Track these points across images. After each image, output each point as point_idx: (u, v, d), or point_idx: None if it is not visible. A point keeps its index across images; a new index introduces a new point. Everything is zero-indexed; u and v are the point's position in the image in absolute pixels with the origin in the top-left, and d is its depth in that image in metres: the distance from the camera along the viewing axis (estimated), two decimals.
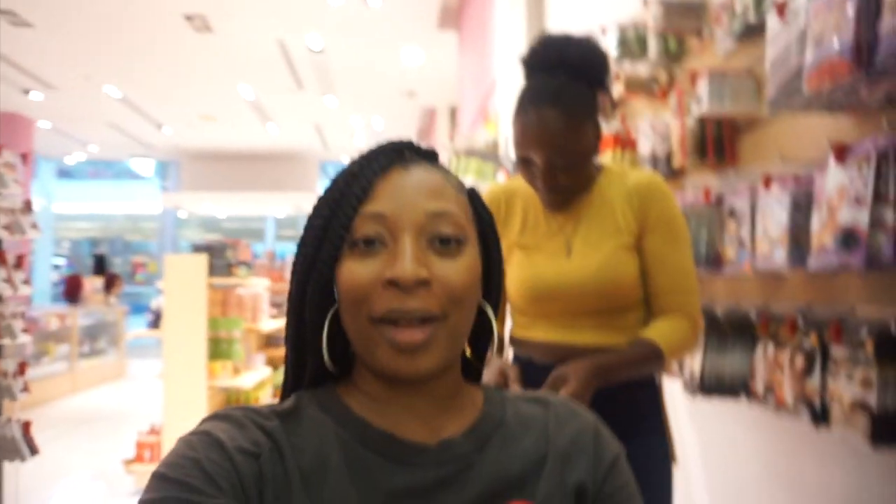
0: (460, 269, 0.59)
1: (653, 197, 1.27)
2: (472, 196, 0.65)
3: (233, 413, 0.58)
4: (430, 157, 0.64)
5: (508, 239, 1.34)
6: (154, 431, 4.19)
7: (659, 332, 1.24)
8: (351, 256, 0.59)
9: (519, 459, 0.61)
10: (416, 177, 0.60)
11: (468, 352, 0.68)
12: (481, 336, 0.67)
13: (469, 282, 0.59)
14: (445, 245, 0.59)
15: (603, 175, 1.31)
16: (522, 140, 1.23)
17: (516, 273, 1.33)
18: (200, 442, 0.54)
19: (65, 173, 15.20)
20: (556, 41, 1.29)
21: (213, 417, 0.58)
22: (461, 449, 0.60)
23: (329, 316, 0.61)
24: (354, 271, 0.58)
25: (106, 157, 14.24)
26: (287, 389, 0.66)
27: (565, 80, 1.22)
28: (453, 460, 0.59)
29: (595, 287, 1.24)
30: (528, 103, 1.23)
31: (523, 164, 1.25)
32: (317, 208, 0.61)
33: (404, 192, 0.59)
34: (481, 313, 0.65)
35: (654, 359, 1.22)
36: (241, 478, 0.52)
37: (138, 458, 4.07)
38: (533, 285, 1.29)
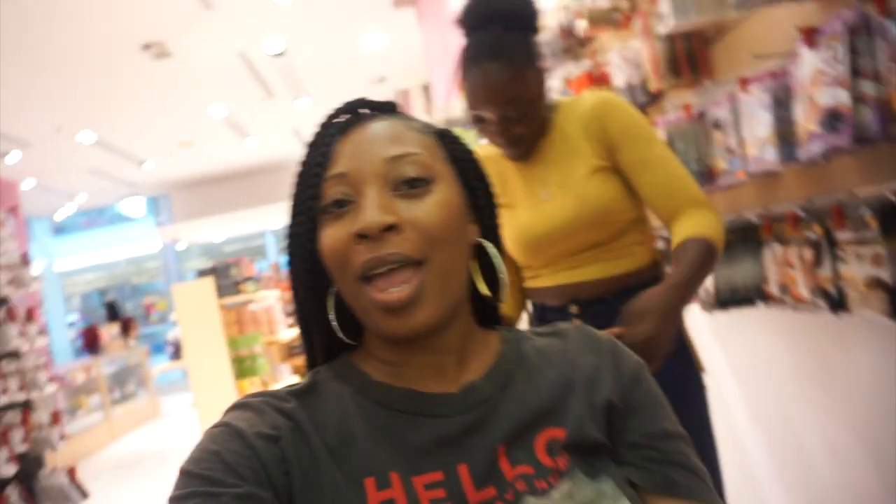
0: (431, 207, 0.57)
1: (606, 113, 1.24)
2: (445, 136, 0.64)
3: (251, 401, 0.58)
4: (387, 108, 0.64)
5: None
6: None
7: (694, 226, 1.15)
8: (326, 223, 0.59)
9: (544, 390, 0.61)
10: (373, 130, 0.60)
11: (485, 289, 0.65)
12: (493, 278, 0.66)
13: (444, 219, 0.58)
14: (412, 187, 0.58)
15: (557, 112, 1.29)
16: (472, 99, 1.23)
17: (507, 233, 1.32)
18: (221, 434, 0.55)
19: (60, 230, 15.21)
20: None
21: (233, 408, 0.59)
22: (484, 391, 0.60)
23: (333, 291, 0.61)
24: (330, 236, 0.58)
25: (96, 205, 14.24)
26: (309, 368, 0.66)
27: (500, 32, 1.21)
28: (478, 404, 0.59)
29: (581, 220, 1.22)
30: (470, 62, 1.22)
31: (478, 122, 1.25)
32: (291, 187, 0.62)
33: (361, 147, 0.59)
34: (485, 255, 0.64)
35: (711, 254, 1.13)
36: (264, 463, 0.53)
37: None
38: (524, 240, 1.29)
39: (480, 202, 0.65)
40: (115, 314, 10.34)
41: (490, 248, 0.65)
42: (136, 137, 9.12)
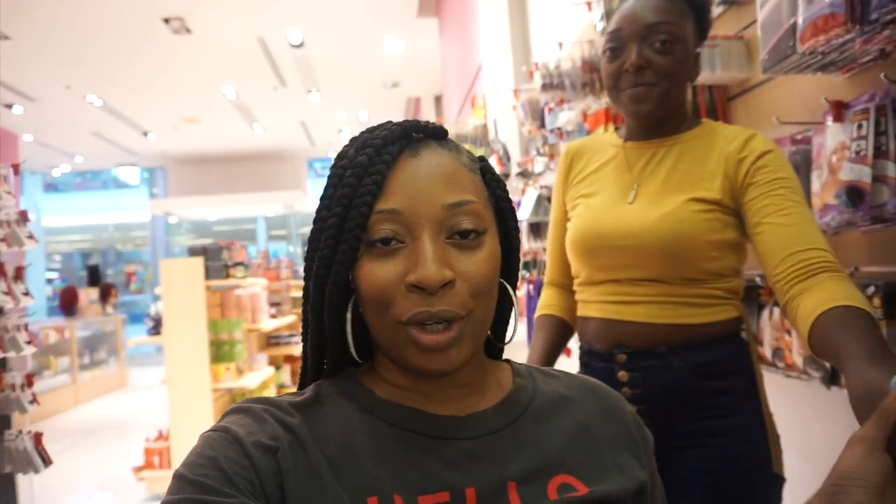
0: (481, 262, 0.57)
1: (754, 146, 1.07)
2: (485, 171, 0.64)
3: (253, 407, 0.57)
4: (439, 134, 0.62)
5: (573, 197, 1.25)
6: (162, 437, 4.19)
7: (854, 298, 0.82)
8: (369, 256, 0.57)
9: (558, 436, 0.61)
10: (428, 163, 0.58)
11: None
12: (500, 312, 0.66)
13: (491, 272, 0.58)
14: (465, 238, 0.57)
15: (700, 126, 1.16)
16: (616, 23, 1.13)
17: (571, 225, 1.21)
18: (219, 439, 0.54)
19: (51, 186, 15.08)
20: None
21: (234, 411, 0.58)
22: (493, 422, 0.60)
23: (350, 310, 0.60)
24: (375, 273, 0.56)
25: (92, 168, 14.14)
26: (306, 382, 0.66)
27: None
28: (485, 433, 0.59)
29: (654, 239, 1.06)
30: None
31: (612, 56, 1.13)
32: (328, 205, 0.59)
33: (417, 183, 0.57)
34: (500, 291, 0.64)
35: (877, 331, 0.80)
36: (259, 474, 0.52)
37: (148, 465, 4.07)
38: (585, 232, 1.15)
39: (511, 244, 0.64)
40: (97, 279, 10.24)
41: (510, 291, 0.65)
42: (143, 107, 9.08)
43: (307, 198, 13.17)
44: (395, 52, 7.38)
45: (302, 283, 0.63)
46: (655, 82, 1.10)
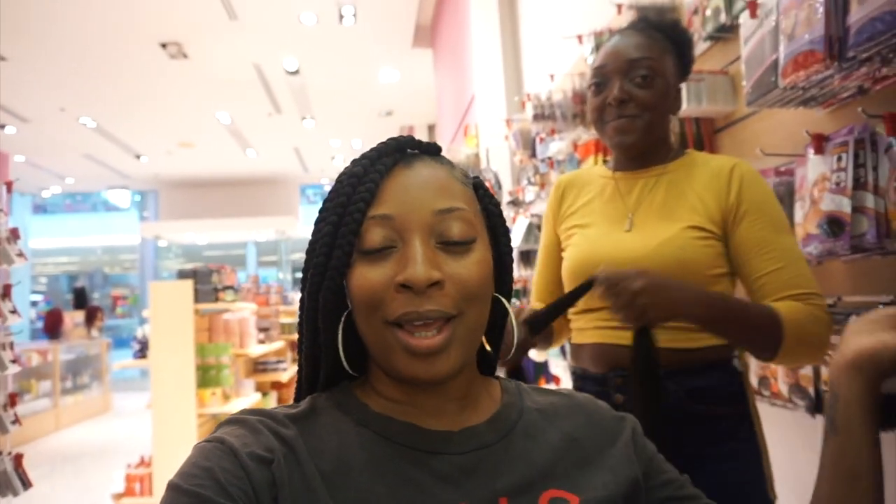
0: (472, 265, 0.58)
1: (742, 180, 1.11)
2: (478, 186, 0.65)
3: (248, 418, 0.58)
4: (433, 150, 0.64)
5: (566, 228, 1.28)
6: (144, 463, 4.11)
7: (782, 307, 1.02)
8: (361, 261, 0.58)
9: (546, 450, 0.61)
10: (420, 174, 0.60)
11: (486, 345, 0.68)
12: (494, 328, 0.67)
13: (482, 277, 0.59)
14: (455, 244, 0.58)
15: (684, 156, 1.20)
16: (601, 60, 1.18)
17: (568, 254, 1.23)
18: (214, 450, 0.54)
19: (40, 208, 15.01)
20: (645, 16, 1.28)
21: (229, 422, 0.58)
22: (485, 437, 0.60)
23: (342, 320, 0.61)
24: (366, 276, 0.57)
25: (82, 190, 14.10)
26: (301, 394, 0.66)
27: (647, 26, 1.20)
28: (478, 447, 0.59)
29: (654, 266, 1.06)
30: (613, 35, 1.22)
31: (596, 90, 1.19)
32: (324, 214, 0.61)
33: (410, 191, 0.59)
34: (494, 304, 0.65)
35: (768, 327, 1.00)
36: (254, 485, 0.52)
37: (129, 492, 3.98)
38: (582, 260, 1.17)
39: (504, 258, 0.66)
40: (83, 302, 10.14)
41: (506, 304, 0.66)
42: (137, 130, 9.11)
43: (299, 224, 13.18)
44: (389, 82, 7.48)
45: (291, 308, 0.64)
46: (638, 114, 1.15)
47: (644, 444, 0.66)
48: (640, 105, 1.14)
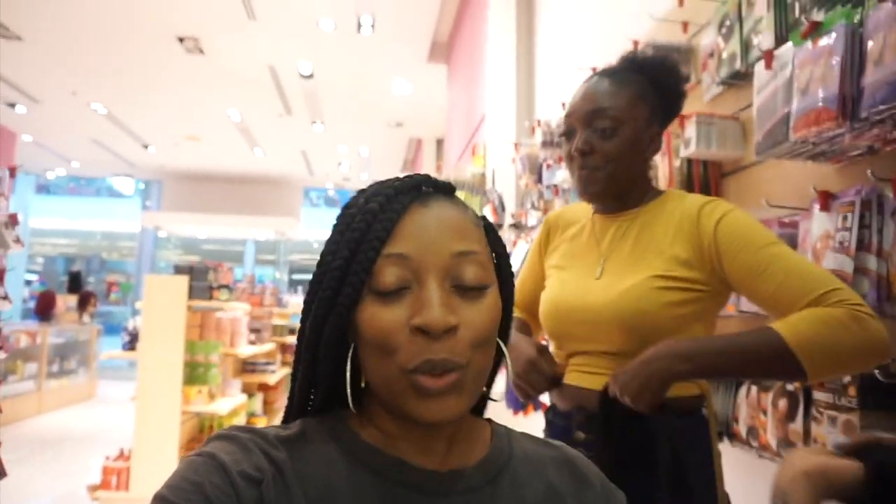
0: (485, 311, 0.58)
1: (707, 221, 1.08)
2: (488, 229, 0.65)
3: (239, 435, 0.57)
4: (447, 190, 0.63)
5: (549, 265, 1.29)
6: (123, 457, 4.07)
7: (785, 322, 0.95)
8: (373, 300, 0.57)
9: (532, 499, 0.61)
10: (436, 214, 0.59)
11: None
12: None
13: (493, 324, 0.59)
14: (470, 288, 0.58)
15: (662, 198, 1.19)
16: (569, 108, 1.19)
17: (543, 296, 1.25)
18: (204, 465, 0.53)
19: (43, 188, 15.02)
20: (633, 54, 1.26)
21: (219, 437, 0.57)
22: (472, 480, 0.60)
23: (349, 354, 0.60)
24: (379, 316, 0.56)
25: (87, 174, 14.11)
26: (290, 418, 0.65)
27: (625, 68, 1.20)
28: (465, 491, 0.59)
29: (614, 316, 1.08)
30: (589, 78, 1.22)
31: (566, 139, 1.19)
32: (333, 250, 0.60)
33: (427, 231, 0.58)
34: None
35: (771, 352, 0.93)
36: (242, 503, 0.52)
37: (104, 485, 3.94)
38: (553, 305, 1.20)
39: (507, 300, 0.65)
40: (77, 286, 10.11)
41: (503, 348, 0.65)
42: (147, 120, 9.14)
43: (300, 225, 13.17)
44: (402, 94, 7.51)
45: (285, 311, 0.63)
46: (601, 166, 1.15)
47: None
48: (603, 156, 1.15)
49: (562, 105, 2.99)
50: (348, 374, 0.60)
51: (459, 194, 0.66)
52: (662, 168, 1.91)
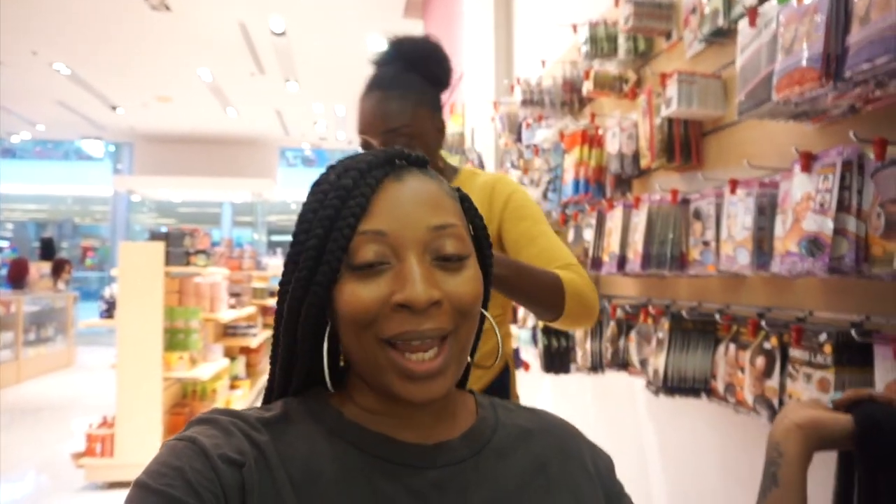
0: (467, 282, 0.58)
1: (501, 189, 1.31)
2: (463, 199, 0.64)
3: (219, 418, 0.57)
4: (421, 162, 0.63)
5: None
6: (106, 424, 4.06)
7: (559, 272, 1.22)
8: (351, 277, 0.56)
9: (516, 473, 0.61)
10: (411, 188, 0.58)
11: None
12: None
13: (476, 294, 0.59)
14: (449, 260, 0.57)
15: (458, 177, 1.36)
16: (360, 124, 1.27)
17: None
18: (185, 450, 0.53)
19: (8, 152, 14.58)
20: (397, 39, 1.36)
21: (200, 421, 0.57)
22: (458, 453, 0.60)
23: (326, 333, 0.60)
24: (358, 294, 0.56)
25: (54, 137, 13.71)
26: (271, 400, 0.65)
27: (400, 69, 1.28)
28: (451, 463, 0.59)
29: None
30: (366, 91, 1.29)
31: (365, 149, 1.27)
32: (306, 228, 0.59)
33: (403, 206, 0.57)
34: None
35: (555, 285, 1.18)
36: (224, 488, 0.51)
37: (89, 452, 3.94)
38: None
39: (487, 270, 0.65)
40: (50, 253, 9.92)
41: (488, 317, 0.65)
42: (113, 81, 8.84)
43: (276, 186, 12.99)
44: (377, 50, 7.34)
45: (264, 274, 0.62)
46: None
47: (613, 481, 0.67)
48: None
49: (541, 63, 2.94)
50: (325, 353, 0.59)
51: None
52: (643, 128, 1.89)
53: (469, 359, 0.66)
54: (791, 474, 0.64)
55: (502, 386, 1.41)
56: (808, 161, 1.14)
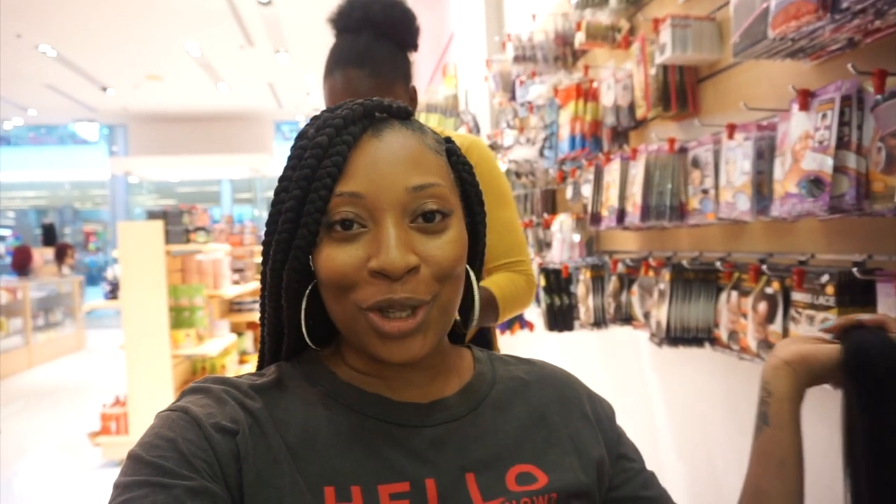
0: (447, 245, 0.55)
1: (475, 157, 1.29)
2: (451, 153, 0.61)
3: (212, 387, 0.56)
4: (402, 114, 0.59)
5: None
6: (119, 403, 4.12)
7: (494, 282, 1.27)
8: (329, 240, 0.55)
9: (514, 426, 0.61)
10: (389, 145, 0.55)
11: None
12: (464, 298, 0.65)
13: (457, 257, 0.56)
14: (430, 221, 0.55)
15: None
16: (331, 103, 1.21)
17: None
18: (179, 420, 0.52)
19: (3, 140, 14.48)
20: (365, 3, 1.28)
21: (193, 391, 0.56)
22: (455, 409, 0.59)
23: (306, 294, 0.59)
24: (335, 258, 0.54)
25: (47, 122, 13.59)
26: (264, 365, 0.64)
27: (371, 40, 1.21)
28: (447, 420, 0.58)
29: None
30: (335, 65, 1.21)
31: None
32: (285, 187, 0.57)
33: (380, 166, 0.54)
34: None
35: (489, 306, 1.24)
36: (218, 457, 0.51)
37: (104, 431, 4.00)
38: None
39: (477, 228, 0.63)
40: (52, 238, 9.93)
41: (472, 277, 0.63)
42: (101, 61, 8.72)
43: (274, 161, 12.90)
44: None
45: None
46: None
47: (612, 427, 0.66)
48: None
49: (532, 17, 2.87)
50: (303, 315, 0.58)
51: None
52: (638, 77, 1.85)
53: (458, 316, 0.65)
54: (782, 412, 0.62)
55: (484, 340, 1.42)
56: (805, 98, 1.11)
